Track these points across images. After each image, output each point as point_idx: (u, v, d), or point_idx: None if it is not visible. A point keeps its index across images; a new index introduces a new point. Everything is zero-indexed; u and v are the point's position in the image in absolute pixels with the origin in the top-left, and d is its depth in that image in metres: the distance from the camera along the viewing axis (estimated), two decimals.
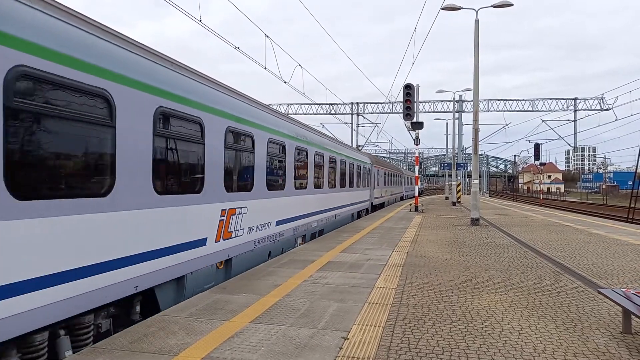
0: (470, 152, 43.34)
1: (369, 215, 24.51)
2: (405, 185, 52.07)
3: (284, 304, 6.39)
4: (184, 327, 5.33)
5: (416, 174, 28.84)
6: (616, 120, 46.89)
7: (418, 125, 26.18)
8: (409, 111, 23.31)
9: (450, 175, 46.22)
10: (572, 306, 6.53)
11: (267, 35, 18.09)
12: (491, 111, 54.95)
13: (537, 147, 49.45)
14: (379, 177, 31.37)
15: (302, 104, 57.30)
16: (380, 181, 32.03)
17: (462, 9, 20.79)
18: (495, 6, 19.83)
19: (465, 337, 5.18)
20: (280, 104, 57.07)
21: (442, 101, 55.26)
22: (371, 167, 28.06)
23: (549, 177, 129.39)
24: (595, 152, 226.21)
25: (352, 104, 57.93)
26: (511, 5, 19.56)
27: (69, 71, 4.79)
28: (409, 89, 23.32)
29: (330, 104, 56.88)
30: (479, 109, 20.34)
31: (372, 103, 57.36)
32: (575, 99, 54.19)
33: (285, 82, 22.88)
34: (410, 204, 29.83)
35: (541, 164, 66.73)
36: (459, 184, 39.44)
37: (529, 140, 79.98)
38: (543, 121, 53.48)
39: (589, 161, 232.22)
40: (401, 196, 48.84)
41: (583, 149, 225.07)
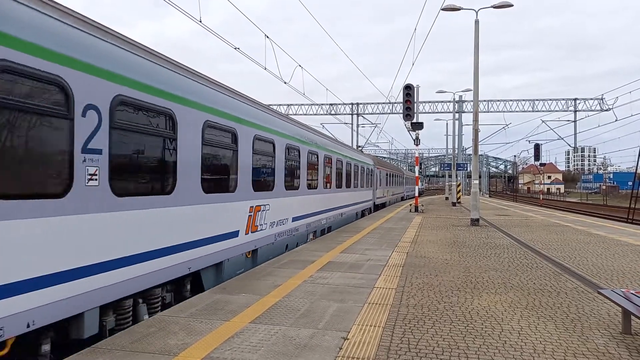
0: (470, 152, 43.38)
1: (370, 215, 24.59)
2: (406, 186, 52.25)
3: (284, 304, 6.39)
4: (184, 327, 5.34)
5: (416, 174, 28.85)
6: (616, 120, 46.96)
7: (418, 126, 26.21)
8: (409, 112, 23.32)
9: (450, 176, 46.24)
10: (572, 306, 6.54)
11: (267, 36, 18.11)
12: (491, 112, 55.05)
13: (537, 147, 49.50)
14: (381, 178, 31.85)
15: (302, 104, 57.43)
16: (382, 182, 32.53)
17: (462, 9, 20.79)
18: (495, 6, 19.84)
19: (465, 338, 5.19)
20: (280, 104, 57.11)
21: (442, 102, 55.37)
22: (374, 168, 28.59)
23: (549, 177, 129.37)
24: (595, 152, 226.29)
25: (352, 104, 58.02)
26: (511, 5, 19.56)
27: (147, 97, 6.06)
28: (409, 90, 23.33)
29: (331, 104, 56.95)
30: (479, 110, 20.35)
31: (372, 103, 57.50)
32: (575, 99, 54.32)
33: (285, 82, 22.90)
34: (410, 205, 29.83)
35: (541, 165, 66.74)
36: (459, 184, 39.44)
37: (529, 141, 79.56)
38: (543, 122, 53.58)
39: (589, 162, 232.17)
40: (402, 196, 49.01)
41: (583, 149, 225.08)
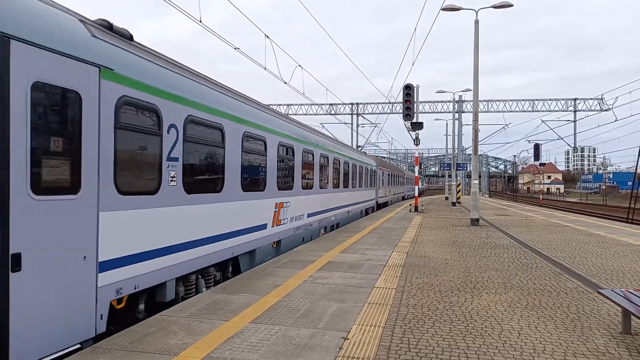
0: (470, 152, 43.33)
1: (369, 215, 24.64)
2: (407, 186, 52.47)
3: (284, 304, 6.40)
4: (184, 327, 5.34)
5: (416, 174, 28.86)
6: (616, 120, 46.85)
7: (418, 126, 26.21)
8: (408, 111, 23.32)
9: (450, 176, 46.23)
10: (571, 306, 6.54)
11: (267, 36, 18.09)
12: (491, 111, 54.97)
13: (536, 147, 49.50)
14: (383, 178, 32.69)
15: (302, 104, 57.29)
16: (384, 182, 33.48)
17: (462, 9, 20.78)
18: (495, 7, 19.83)
19: (465, 337, 5.19)
20: (280, 104, 57.01)
21: (442, 101, 55.27)
22: (377, 169, 29.52)
23: (548, 177, 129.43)
24: (595, 152, 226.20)
25: (352, 104, 57.92)
26: (511, 5, 19.55)
27: (206, 115, 7.50)
28: (408, 90, 23.33)
29: (330, 104, 56.86)
30: (478, 110, 20.32)
31: (372, 103, 57.38)
32: (575, 99, 54.25)
33: (285, 82, 22.88)
34: (410, 204, 29.83)
35: (541, 165, 66.82)
36: (459, 184, 39.45)
37: (529, 141, 79.43)
38: (543, 121, 53.53)
39: (589, 161, 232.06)
40: (403, 196, 49.27)
41: (583, 149, 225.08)
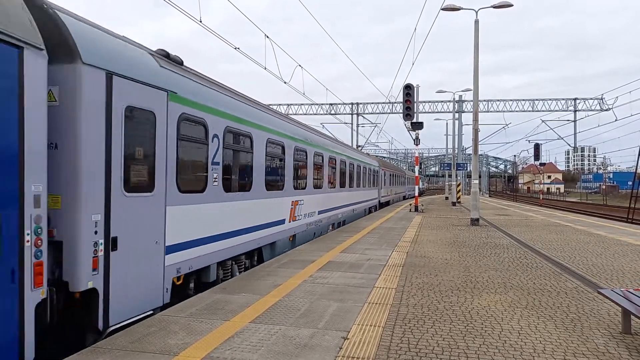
0: (470, 152, 43.32)
1: (369, 215, 24.66)
2: (408, 185, 52.64)
3: (284, 304, 6.40)
4: (184, 327, 5.34)
5: (416, 174, 28.86)
6: (616, 120, 46.81)
7: (418, 126, 26.20)
8: (409, 111, 23.32)
9: (450, 176, 46.23)
10: (571, 306, 6.54)
11: (267, 36, 18.08)
12: (491, 111, 54.96)
13: (537, 147, 49.47)
14: (385, 179, 33.64)
15: (302, 104, 57.26)
16: (386, 182, 34.57)
17: (462, 9, 20.78)
18: (495, 6, 19.83)
19: (465, 337, 5.19)
20: (280, 104, 57.01)
21: (442, 101, 55.26)
22: (379, 169, 30.46)
23: (548, 177, 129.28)
24: (595, 152, 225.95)
25: (352, 104, 57.90)
26: (511, 5, 19.54)
27: (240, 125, 8.72)
28: (408, 89, 23.33)
29: (330, 104, 56.85)
30: (478, 109, 20.33)
31: (372, 103, 57.37)
32: (575, 99, 54.23)
33: (285, 82, 22.87)
34: (410, 204, 29.84)
35: (541, 164, 66.81)
36: (459, 184, 39.44)
37: (529, 141, 79.59)
38: (543, 121, 53.47)
39: (589, 161, 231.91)
40: (404, 195, 49.54)
41: (583, 149, 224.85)
